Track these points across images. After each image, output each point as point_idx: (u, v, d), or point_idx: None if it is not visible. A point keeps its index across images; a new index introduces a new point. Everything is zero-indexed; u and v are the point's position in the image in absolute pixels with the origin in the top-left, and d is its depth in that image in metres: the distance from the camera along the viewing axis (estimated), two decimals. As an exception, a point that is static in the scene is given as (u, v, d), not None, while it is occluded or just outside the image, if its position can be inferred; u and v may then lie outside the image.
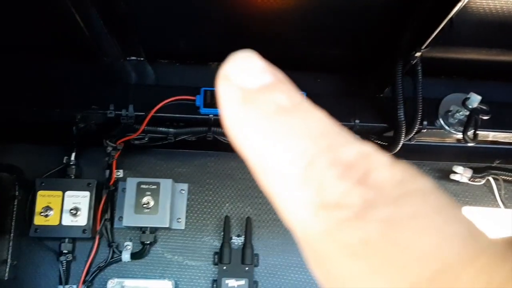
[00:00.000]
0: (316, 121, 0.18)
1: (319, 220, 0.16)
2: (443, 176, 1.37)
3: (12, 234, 1.24)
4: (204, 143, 1.22)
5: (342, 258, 0.16)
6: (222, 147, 1.22)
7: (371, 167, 0.16)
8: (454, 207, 0.16)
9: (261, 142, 0.18)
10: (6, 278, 1.22)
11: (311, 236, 0.16)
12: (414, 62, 1.00)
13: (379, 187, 0.16)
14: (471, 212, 1.36)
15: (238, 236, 1.32)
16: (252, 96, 0.18)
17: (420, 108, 1.04)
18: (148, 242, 1.27)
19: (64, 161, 1.29)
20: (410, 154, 1.28)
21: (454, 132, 1.10)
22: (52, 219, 1.22)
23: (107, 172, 1.29)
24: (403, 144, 1.10)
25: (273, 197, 0.18)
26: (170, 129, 1.13)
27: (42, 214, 1.21)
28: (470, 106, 1.05)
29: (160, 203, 1.23)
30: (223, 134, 1.14)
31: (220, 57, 0.97)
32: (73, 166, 1.28)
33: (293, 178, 0.17)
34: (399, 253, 0.15)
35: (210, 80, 1.13)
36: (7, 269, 1.23)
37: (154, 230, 1.28)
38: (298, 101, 0.18)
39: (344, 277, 0.16)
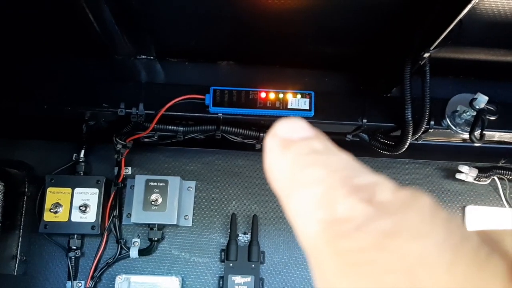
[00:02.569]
0: (339, 160, 0.20)
1: (326, 233, 0.18)
2: (449, 175, 1.38)
3: (21, 230, 1.25)
4: (212, 141, 1.23)
5: (339, 266, 0.18)
6: (230, 145, 1.23)
7: (378, 190, 0.19)
8: (450, 220, 0.18)
9: (290, 171, 0.21)
10: (15, 274, 1.23)
11: (316, 248, 0.19)
12: (422, 62, 1.01)
13: (381, 205, 0.18)
14: (476, 212, 1.37)
15: (245, 233, 1.33)
16: (292, 143, 0.21)
17: (428, 108, 1.05)
18: (155, 238, 1.28)
19: (74, 158, 1.30)
20: (416, 153, 1.29)
21: (461, 132, 1.10)
22: (61, 216, 1.23)
23: (116, 169, 1.31)
24: (409, 143, 1.11)
25: (293, 218, 0.20)
26: (180, 128, 1.14)
27: (51, 210, 1.22)
28: (477, 107, 1.05)
29: (168, 200, 1.24)
30: (231, 133, 1.15)
31: (230, 56, 0.99)
32: (83, 163, 1.29)
33: (311, 200, 0.19)
34: (390, 258, 0.17)
35: (219, 79, 1.15)
36: (17, 265, 1.24)
37: (162, 227, 1.29)
38: (330, 146, 0.21)
39: (337, 283, 0.18)
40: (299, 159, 0.21)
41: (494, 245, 0.18)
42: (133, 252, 1.28)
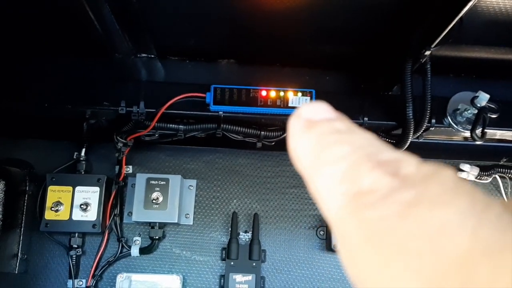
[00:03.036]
0: (363, 138, 0.21)
1: (351, 204, 0.19)
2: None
3: (22, 229, 1.25)
4: (213, 140, 1.23)
5: (363, 235, 0.18)
6: (231, 143, 1.23)
7: (402, 165, 0.19)
8: (473, 190, 0.18)
9: (314, 150, 0.21)
10: (16, 272, 1.23)
11: (340, 220, 0.19)
12: (423, 60, 1.00)
13: (405, 177, 0.18)
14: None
15: (246, 232, 1.33)
16: (316, 123, 0.22)
17: (429, 106, 1.05)
18: (156, 237, 1.28)
19: (75, 157, 1.30)
20: (417, 151, 1.28)
21: (462, 130, 1.10)
22: (62, 214, 1.23)
23: (117, 167, 1.31)
24: (410, 142, 1.11)
25: (317, 195, 0.20)
26: (180, 126, 1.14)
27: (52, 209, 1.22)
28: (479, 105, 1.05)
29: (169, 198, 1.24)
30: (232, 131, 1.15)
31: (230, 55, 0.99)
32: (83, 162, 1.29)
33: (336, 176, 0.20)
34: (412, 226, 0.17)
35: (220, 78, 1.15)
36: (18, 263, 1.24)
37: (162, 225, 1.29)
38: (353, 127, 0.22)
39: (363, 254, 0.18)
40: (322, 139, 0.21)
41: None
42: (134, 251, 1.28)
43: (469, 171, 1.33)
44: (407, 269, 0.17)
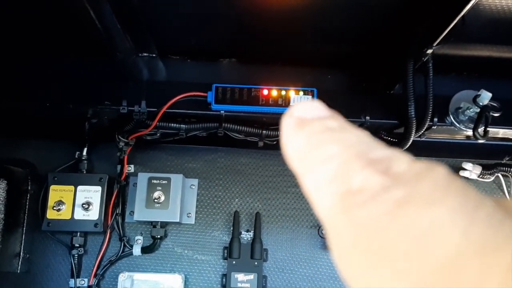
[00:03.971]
0: (354, 136, 0.21)
1: (341, 203, 0.18)
2: (452, 172, 1.37)
3: (24, 228, 1.25)
4: (215, 139, 1.22)
5: (354, 234, 0.18)
6: (232, 142, 1.23)
7: (393, 163, 0.19)
8: (464, 187, 0.18)
9: (305, 148, 0.21)
10: (18, 271, 1.24)
11: (331, 218, 0.19)
12: (425, 59, 1.00)
13: (396, 175, 0.18)
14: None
15: (247, 231, 1.33)
16: (307, 121, 0.22)
17: (431, 105, 1.05)
18: (158, 236, 1.28)
19: (76, 156, 1.30)
20: (419, 150, 1.28)
21: (465, 129, 1.10)
22: (64, 213, 1.23)
23: (119, 167, 1.31)
24: (413, 141, 1.10)
25: (309, 194, 0.20)
26: (182, 125, 1.14)
27: (54, 208, 1.22)
28: (481, 103, 1.05)
29: (170, 198, 1.24)
30: (233, 130, 1.15)
31: (232, 54, 0.98)
32: (85, 161, 1.29)
33: (327, 175, 0.19)
34: (401, 226, 0.17)
35: (221, 77, 1.15)
36: (20, 262, 1.24)
37: (164, 224, 1.29)
38: (345, 125, 0.21)
39: (353, 254, 0.18)
40: (313, 137, 0.21)
41: (508, 211, 0.18)
42: (136, 250, 1.28)
43: (472, 170, 1.33)
44: (396, 269, 0.17)
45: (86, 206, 1.23)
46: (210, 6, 0.95)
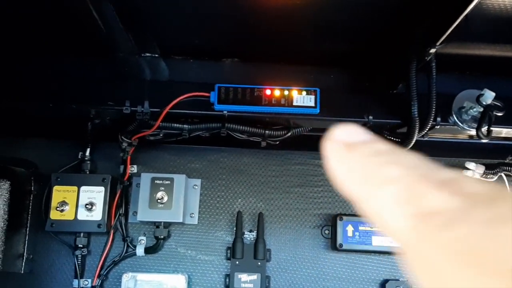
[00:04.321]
0: (410, 159, 0.21)
1: (421, 226, 0.19)
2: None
3: (28, 229, 1.25)
4: (217, 139, 1.22)
5: (447, 256, 0.18)
6: (235, 143, 1.23)
7: (462, 183, 0.19)
8: None
9: (362, 172, 0.21)
10: (22, 272, 1.24)
11: (412, 241, 0.19)
12: (428, 58, 1.00)
13: (473, 196, 0.18)
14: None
15: (251, 231, 1.33)
16: (354, 145, 0.22)
17: (434, 105, 1.04)
18: (162, 236, 1.28)
19: (79, 157, 1.31)
20: (422, 150, 1.27)
21: (468, 128, 1.09)
22: (67, 214, 1.23)
23: (122, 167, 1.31)
24: (416, 140, 1.10)
25: (375, 216, 0.21)
26: (185, 125, 1.14)
27: (57, 208, 1.22)
28: (484, 103, 1.04)
29: (174, 198, 1.24)
30: (236, 130, 1.15)
31: (234, 54, 0.98)
32: (88, 162, 1.30)
33: (395, 197, 0.20)
34: (499, 247, 0.17)
35: (224, 77, 1.15)
36: (23, 263, 1.24)
37: (167, 225, 1.29)
38: (393, 148, 0.22)
39: (445, 275, 0.18)
40: (367, 160, 0.21)
41: None
42: (139, 250, 1.28)
43: (475, 169, 1.32)
44: (500, 284, 0.17)
45: (90, 206, 1.23)
46: (213, 6, 0.95)
